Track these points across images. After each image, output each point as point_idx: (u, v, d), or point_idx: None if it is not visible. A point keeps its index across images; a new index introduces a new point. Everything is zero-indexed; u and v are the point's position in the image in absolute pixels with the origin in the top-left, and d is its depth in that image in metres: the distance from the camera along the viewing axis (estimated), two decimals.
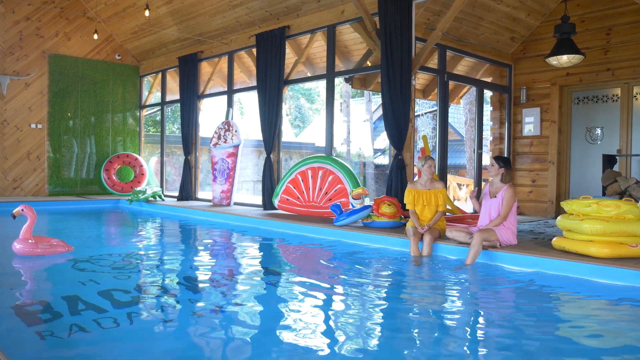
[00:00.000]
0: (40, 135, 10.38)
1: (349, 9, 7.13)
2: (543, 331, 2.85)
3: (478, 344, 2.73)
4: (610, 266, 3.98)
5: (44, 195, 10.42)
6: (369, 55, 7.90)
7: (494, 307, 3.45)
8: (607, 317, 3.25)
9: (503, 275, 4.26)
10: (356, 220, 6.07)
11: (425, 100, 14.02)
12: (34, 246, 4.62)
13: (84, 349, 2.47)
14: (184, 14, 9.30)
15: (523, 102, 8.28)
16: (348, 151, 16.96)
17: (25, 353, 2.42)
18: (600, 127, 7.73)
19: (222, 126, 9.22)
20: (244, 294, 3.60)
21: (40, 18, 10.23)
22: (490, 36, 7.82)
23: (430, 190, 5.24)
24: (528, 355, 2.46)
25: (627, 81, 7.34)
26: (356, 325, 2.92)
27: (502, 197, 4.73)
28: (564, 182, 8.02)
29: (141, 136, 11.79)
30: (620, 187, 5.55)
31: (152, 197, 9.44)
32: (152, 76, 11.56)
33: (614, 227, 4.11)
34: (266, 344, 2.57)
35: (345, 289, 3.81)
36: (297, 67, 8.32)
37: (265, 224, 7.03)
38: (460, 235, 4.82)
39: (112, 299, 3.31)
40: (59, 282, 3.96)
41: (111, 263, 4.42)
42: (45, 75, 10.36)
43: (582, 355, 2.55)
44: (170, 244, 6.13)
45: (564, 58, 6.79)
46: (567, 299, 3.67)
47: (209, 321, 2.93)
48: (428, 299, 3.59)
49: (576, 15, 7.51)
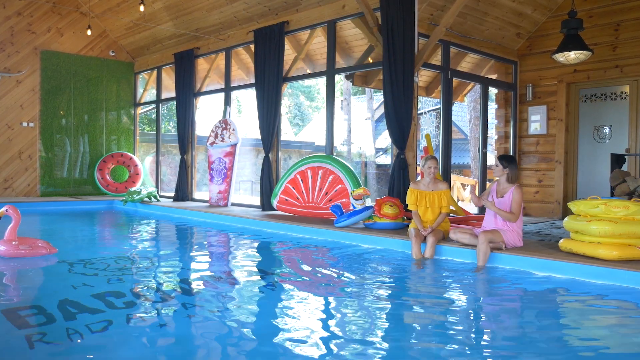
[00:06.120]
0: (32, 134, 10.20)
1: (349, 3, 7.03)
2: (550, 336, 2.81)
3: (482, 349, 2.67)
4: (619, 269, 3.92)
5: (35, 195, 10.24)
6: (371, 52, 7.80)
7: (498, 311, 3.41)
8: (617, 322, 3.20)
9: (508, 278, 4.20)
10: (357, 222, 6.00)
11: (429, 98, 13.90)
12: (17, 247, 4.56)
13: (76, 353, 2.45)
14: (180, 9, 9.17)
15: (529, 100, 8.17)
16: (349, 150, 16.85)
17: (14, 358, 2.38)
18: (609, 126, 7.58)
19: (219, 124, 9.09)
20: (241, 297, 3.56)
21: (32, 13, 10.04)
22: (495, 32, 7.69)
23: (434, 191, 5.12)
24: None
25: (636, 78, 7.21)
26: (355, 329, 2.91)
27: (510, 198, 4.67)
28: (571, 182, 7.89)
29: (136, 135, 11.64)
30: (629, 188, 5.45)
31: (147, 197, 9.29)
32: (147, 73, 11.43)
33: (623, 228, 4.05)
34: (264, 347, 2.57)
35: (345, 292, 3.77)
36: (296, 63, 8.24)
37: (263, 225, 6.93)
38: (465, 237, 4.78)
39: (105, 302, 3.24)
40: (50, 285, 3.94)
41: (104, 266, 4.35)
42: (37, 72, 10.18)
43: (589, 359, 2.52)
44: (166, 245, 6.04)
45: (571, 54, 6.68)
46: (574, 303, 3.61)
47: (205, 325, 2.91)
48: (429, 302, 3.57)
49: (584, 10, 7.39)
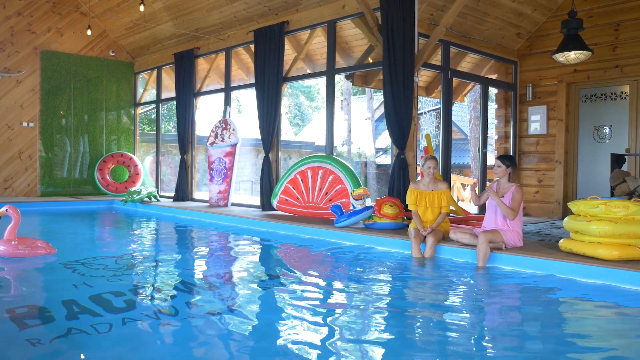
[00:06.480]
0: (32, 134, 10.18)
1: (349, 3, 7.02)
2: (550, 337, 2.81)
3: (481, 349, 2.67)
4: (619, 269, 3.90)
5: (35, 195, 10.23)
6: (371, 52, 7.79)
7: (497, 311, 3.40)
8: (616, 321, 3.20)
9: (508, 278, 4.19)
10: (357, 222, 5.98)
11: (429, 98, 13.89)
12: (16, 247, 4.56)
13: (76, 353, 2.43)
14: (180, 9, 9.15)
15: (529, 100, 8.16)
16: (349, 150, 16.82)
17: (14, 358, 2.36)
18: (609, 126, 7.57)
19: (219, 124, 9.08)
20: (241, 297, 3.53)
21: (32, 13, 10.03)
22: (495, 32, 7.67)
23: (433, 191, 5.11)
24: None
25: (636, 78, 7.20)
26: (355, 328, 2.89)
27: (510, 198, 4.66)
28: (571, 182, 7.88)
29: (136, 135, 11.62)
30: (629, 187, 5.44)
31: (147, 197, 9.27)
32: (147, 73, 11.41)
33: (623, 228, 4.04)
34: (264, 347, 2.57)
35: (344, 292, 3.76)
36: (296, 63, 8.23)
37: (263, 225, 6.91)
38: (465, 237, 4.78)
39: (105, 302, 3.23)
40: (49, 285, 3.90)
41: (104, 266, 4.33)
42: (37, 72, 10.16)
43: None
44: (166, 245, 6.02)
45: (571, 54, 6.67)
46: (574, 303, 3.61)
47: (205, 325, 2.89)
48: (429, 301, 3.56)
49: (584, 10, 7.38)
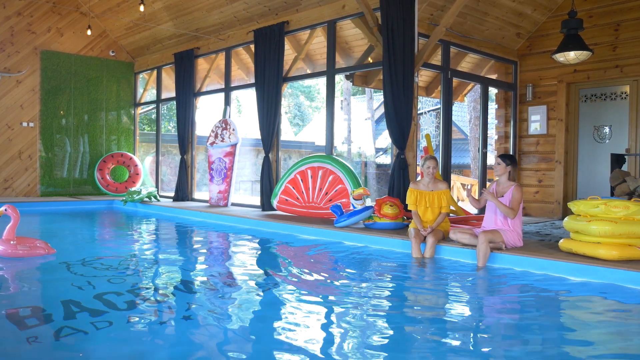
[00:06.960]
0: (32, 134, 10.18)
1: (349, 3, 7.02)
2: (550, 337, 2.80)
3: (481, 349, 2.66)
4: (619, 269, 3.90)
5: (35, 195, 10.23)
6: (371, 52, 7.78)
7: (497, 311, 3.39)
8: (616, 321, 3.19)
9: (508, 278, 4.19)
10: (357, 222, 5.98)
11: (429, 98, 13.88)
12: (15, 247, 4.55)
13: (76, 353, 2.43)
14: (180, 9, 9.15)
15: (529, 100, 8.15)
16: (349, 150, 16.81)
17: (14, 358, 2.36)
18: (609, 126, 7.56)
19: (219, 124, 9.07)
20: (240, 297, 3.53)
21: (32, 13, 10.03)
22: (495, 32, 7.67)
23: (433, 191, 5.11)
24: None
25: (636, 78, 7.20)
26: (355, 328, 2.89)
27: (509, 197, 4.65)
28: (571, 182, 7.88)
29: (136, 135, 11.61)
30: (629, 187, 5.44)
31: (147, 197, 9.27)
32: (147, 73, 11.40)
33: (623, 228, 4.04)
34: (264, 347, 2.56)
35: (344, 292, 3.75)
36: (296, 63, 8.22)
37: (263, 225, 6.90)
38: (465, 237, 4.78)
39: (105, 302, 3.22)
40: (48, 285, 3.90)
41: (103, 266, 4.32)
42: (37, 72, 10.16)
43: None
44: (166, 245, 6.01)
45: (571, 54, 6.67)
46: (574, 303, 3.60)
47: (204, 325, 2.88)
48: (429, 302, 3.55)
49: (584, 10, 7.38)
